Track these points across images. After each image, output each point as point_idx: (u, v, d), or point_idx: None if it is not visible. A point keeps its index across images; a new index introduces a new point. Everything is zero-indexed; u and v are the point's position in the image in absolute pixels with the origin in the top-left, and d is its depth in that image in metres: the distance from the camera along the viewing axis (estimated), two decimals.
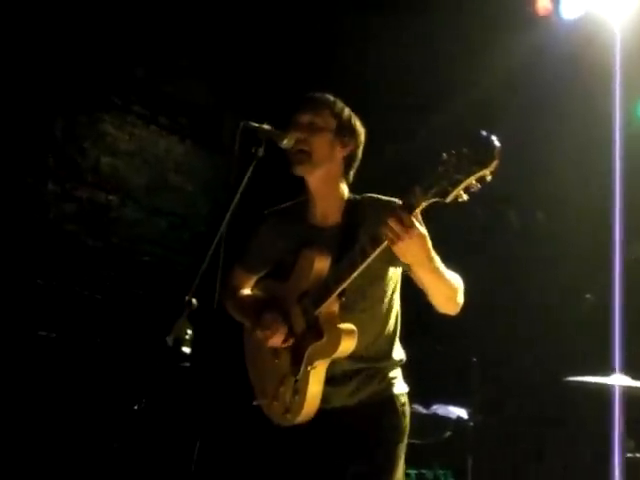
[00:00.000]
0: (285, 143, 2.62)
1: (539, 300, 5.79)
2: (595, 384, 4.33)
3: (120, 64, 5.37)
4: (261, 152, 2.53)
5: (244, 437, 5.09)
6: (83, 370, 4.89)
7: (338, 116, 2.75)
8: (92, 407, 4.87)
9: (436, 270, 2.43)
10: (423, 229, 2.33)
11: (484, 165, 2.10)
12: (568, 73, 5.50)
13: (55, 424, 4.72)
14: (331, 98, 2.80)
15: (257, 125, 2.56)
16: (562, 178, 5.73)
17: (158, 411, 4.93)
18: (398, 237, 2.26)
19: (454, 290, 2.54)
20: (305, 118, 2.72)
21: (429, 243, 2.36)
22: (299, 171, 2.71)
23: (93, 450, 4.81)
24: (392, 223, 2.25)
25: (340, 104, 2.80)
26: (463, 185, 2.14)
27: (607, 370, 4.41)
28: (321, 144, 2.70)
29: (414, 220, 2.27)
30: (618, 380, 4.27)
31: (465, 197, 2.18)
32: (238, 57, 5.90)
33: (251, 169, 2.50)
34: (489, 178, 2.13)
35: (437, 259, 2.43)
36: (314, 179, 2.74)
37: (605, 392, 4.51)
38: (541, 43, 5.48)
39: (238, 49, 5.88)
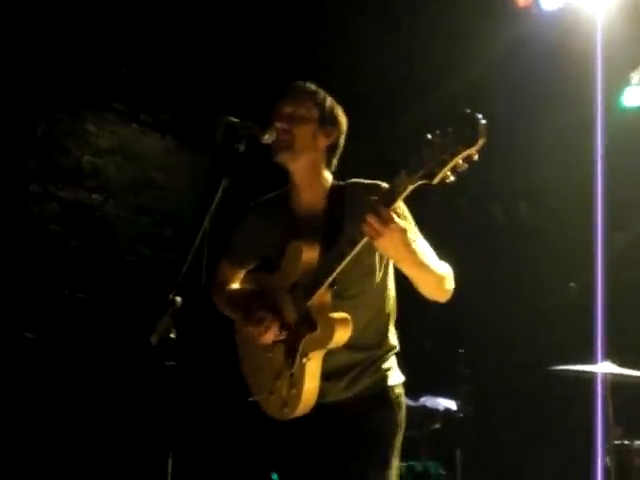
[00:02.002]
0: (266, 138, 2.60)
1: (524, 290, 5.81)
2: (582, 372, 4.36)
3: (100, 61, 5.34)
4: (242, 148, 2.51)
5: (237, 433, 5.09)
6: (69, 370, 4.88)
7: (320, 106, 2.74)
8: (79, 407, 4.85)
9: (419, 264, 2.41)
10: (403, 223, 2.31)
11: (470, 144, 2.06)
12: (550, 64, 5.51)
13: (43, 425, 4.70)
14: (313, 87, 2.79)
15: (238, 121, 2.55)
16: (545, 169, 5.75)
17: (143, 410, 4.92)
18: (378, 233, 2.24)
19: (441, 279, 2.52)
20: (287, 108, 2.71)
21: (409, 236, 2.33)
22: (281, 158, 2.69)
23: (82, 449, 4.80)
24: (370, 219, 2.24)
25: (322, 93, 2.79)
26: (450, 165, 2.10)
27: (593, 357, 4.44)
28: (304, 134, 2.68)
29: (393, 215, 2.25)
30: (603, 368, 4.30)
31: (452, 178, 2.13)
32: (220, 53, 5.88)
33: (232, 165, 2.49)
34: (476, 157, 2.09)
35: (419, 252, 2.41)
36: (297, 168, 2.72)
37: (592, 380, 4.53)
38: (522, 35, 5.49)
39: (220, 45, 5.86)
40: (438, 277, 2.51)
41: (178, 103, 5.82)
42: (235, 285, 2.95)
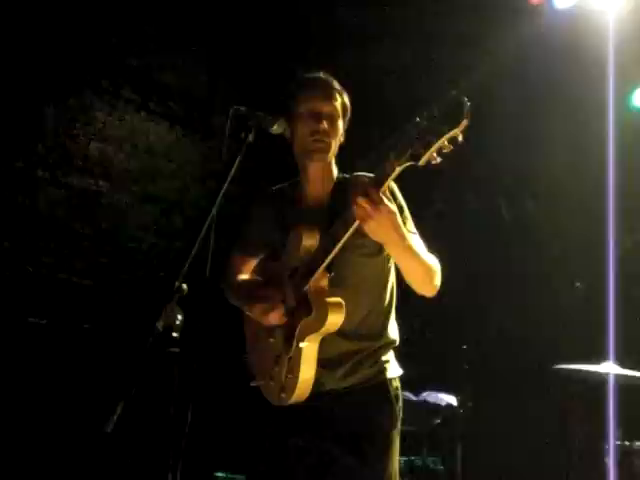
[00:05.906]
0: (275, 129, 2.60)
1: (529, 288, 5.81)
2: (585, 372, 4.35)
3: (110, 49, 5.35)
4: (251, 138, 2.51)
5: (236, 420, 5.10)
6: (73, 356, 4.88)
7: (344, 103, 2.77)
8: (82, 393, 4.86)
9: (409, 248, 2.42)
10: (392, 206, 2.32)
11: (454, 125, 2.09)
12: (561, 62, 5.50)
13: (46, 410, 4.71)
14: (334, 81, 2.78)
15: (247, 111, 2.55)
16: (555, 168, 5.74)
17: (147, 396, 4.92)
18: (368, 215, 2.26)
19: (429, 271, 2.52)
20: (326, 107, 2.70)
21: (399, 220, 2.34)
22: (319, 159, 2.70)
23: (84, 435, 4.81)
24: (361, 201, 2.25)
25: (339, 86, 2.78)
26: (435, 147, 2.13)
27: (597, 358, 4.43)
28: (337, 132, 2.72)
29: (383, 197, 2.27)
30: (607, 368, 4.30)
31: (438, 159, 2.16)
32: (229, 43, 5.88)
33: (241, 155, 2.49)
34: (460, 139, 2.12)
35: (409, 237, 2.42)
36: (318, 165, 2.74)
37: (595, 380, 4.53)
38: (534, 33, 5.46)
39: (229, 35, 5.85)
40: (427, 268, 2.51)
41: (187, 93, 5.82)
42: (245, 275, 2.94)
